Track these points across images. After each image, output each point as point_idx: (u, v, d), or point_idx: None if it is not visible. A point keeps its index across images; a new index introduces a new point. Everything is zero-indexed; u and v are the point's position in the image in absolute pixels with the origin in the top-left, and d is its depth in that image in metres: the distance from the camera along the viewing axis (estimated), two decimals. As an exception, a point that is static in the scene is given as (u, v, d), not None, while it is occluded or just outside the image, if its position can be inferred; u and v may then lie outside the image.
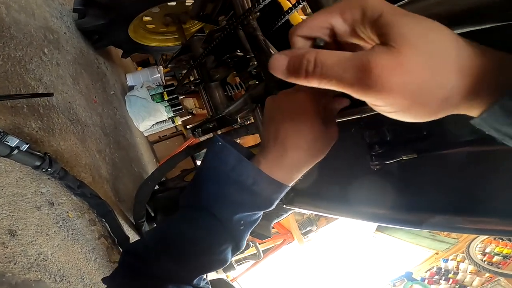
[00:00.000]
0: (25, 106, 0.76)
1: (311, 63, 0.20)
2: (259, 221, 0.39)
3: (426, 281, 3.60)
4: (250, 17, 0.73)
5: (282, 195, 0.37)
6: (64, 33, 1.16)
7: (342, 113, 0.51)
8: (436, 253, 3.80)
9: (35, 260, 0.66)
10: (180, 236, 0.37)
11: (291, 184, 0.37)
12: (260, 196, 0.35)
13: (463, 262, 3.45)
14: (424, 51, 0.18)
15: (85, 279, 0.78)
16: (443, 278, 3.51)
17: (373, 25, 0.20)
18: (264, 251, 2.92)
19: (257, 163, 0.35)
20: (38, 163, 0.71)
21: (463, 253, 3.28)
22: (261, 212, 0.38)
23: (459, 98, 0.19)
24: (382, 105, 0.20)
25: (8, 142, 0.63)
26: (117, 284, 0.37)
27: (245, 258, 2.96)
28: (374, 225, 4.26)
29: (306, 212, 1.09)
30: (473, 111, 0.20)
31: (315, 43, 0.24)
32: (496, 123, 0.19)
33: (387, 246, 4.27)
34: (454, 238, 3.71)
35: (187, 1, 1.24)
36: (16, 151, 0.64)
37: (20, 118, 0.74)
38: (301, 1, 0.63)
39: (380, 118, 0.49)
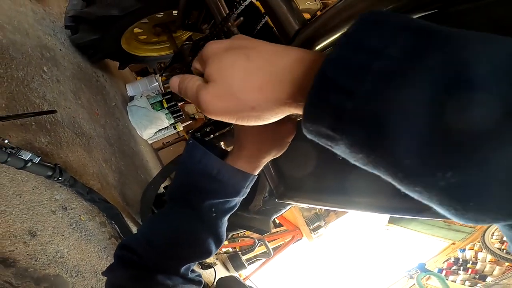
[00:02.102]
0: (33, 123, 0.84)
1: (182, 89, 0.29)
2: (234, 210, 0.43)
3: (444, 272, 3.48)
4: (230, 23, 0.79)
5: (249, 183, 0.42)
6: (60, 49, 1.22)
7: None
8: (453, 243, 3.70)
9: (53, 257, 0.74)
10: (162, 228, 0.42)
11: (256, 173, 0.42)
12: (226, 184, 0.40)
13: (481, 251, 3.34)
14: (223, 83, 0.24)
15: (98, 275, 0.86)
16: (462, 268, 3.38)
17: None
18: (274, 249, 2.96)
19: (226, 157, 0.41)
20: (50, 173, 0.79)
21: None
22: (235, 201, 0.42)
23: (273, 104, 0.23)
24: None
25: (22, 156, 0.71)
26: (113, 275, 0.42)
27: (255, 257, 3.01)
28: (386, 217, 4.24)
29: (299, 205, 1.13)
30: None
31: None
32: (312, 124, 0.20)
33: (401, 238, 4.23)
34: (470, 227, 3.64)
35: (173, 11, 1.28)
36: (30, 164, 0.72)
37: (30, 134, 0.83)
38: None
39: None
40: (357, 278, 4.02)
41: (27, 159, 0.71)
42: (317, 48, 0.47)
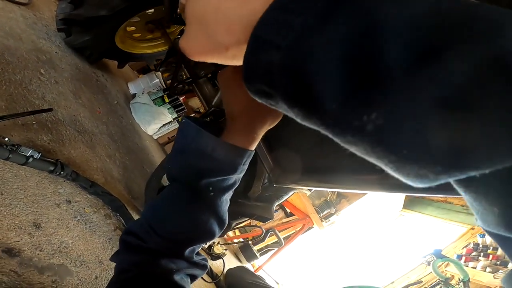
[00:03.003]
0: (34, 122, 0.89)
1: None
2: (233, 188, 0.43)
3: (463, 258, 3.36)
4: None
5: (246, 159, 0.41)
6: (56, 52, 1.26)
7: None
8: (472, 228, 3.56)
9: (58, 247, 0.79)
10: (163, 212, 0.42)
11: (252, 148, 0.41)
12: (222, 161, 0.39)
13: (502, 235, 3.24)
14: (197, 25, 0.25)
15: (102, 264, 0.90)
16: (482, 254, 3.24)
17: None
18: (285, 238, 2.99)
19: (221, 134, 0.40)
20: (51, 168, 0.83)
21: (501, 226, 3.07)
22: (233, 178, 0.41)
23: (244, 45, 0.22)
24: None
25: (23, 152, 0.75)
26: (118, 260, 0.42)
27: (267, 247, 3.04)
28: (400, 202, 4.16)
29: (297, 187, 1.14)
30: None
31: None
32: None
33: (417, 225, 4.14)
34: (489, 211, 3.51)
35: (163, 7, 1.31)
36: (31, 159, 0.77)
37: (31, 133, 0.87)
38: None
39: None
40: (371, 266, 4.00)
41: (28, 155, 0.75)
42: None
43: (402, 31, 0.15)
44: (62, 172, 0.85)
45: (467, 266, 3.17)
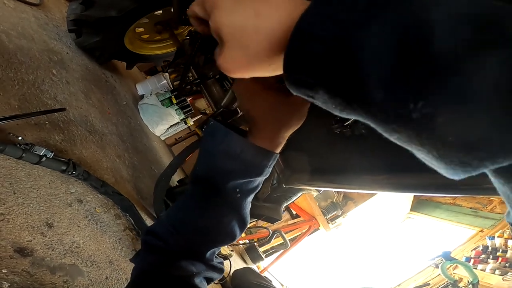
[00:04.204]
0: (47, 122, 0.89)
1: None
2: (257, 190, 0.43)
3: (472, 260, 3.34)
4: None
5: (272, 162, 0.41)
6: (67, 53, 1.28)
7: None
8: (481, 231, 3.52)
9: (69, 247, 0.79)
10: (186, 213, 0.42)
11: (277, 151, 0.42)
12: (250, 163, 0.40)
13: (511, 238, 3.18)
14: (238, 46, 0.25)
15: (113, 265, 0.90)
16: (491, 257, 3.22)
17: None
18: (291, 240, 2.97)
19: (247, 137, 0.41)
20: (64, 168, 0.84)
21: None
22: (258, 181, 0.42)
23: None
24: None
25: (36, 151, 0.76)
26: (139, 260, 0.43)
27: (272, 248, 3.03)
28: (408, 205, 4.11)
29: (306, 188, 1.13)
30: None
31: None
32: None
33: (425, 227, 4.09)
34: (499, 214, 3.46)
35: (171, 8, 1.32)
36: (44, 159, 0.77)
37: (44, 133, 0.88)
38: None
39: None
40: (378, 268, 3.95)
41: (41, 154, 0.76)
42: None
43: (454, 20, 0.15)
44: (74, 172, 0.86)
45: (476, 268, 3.12)
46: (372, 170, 0.61)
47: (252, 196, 0.43)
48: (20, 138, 0.72)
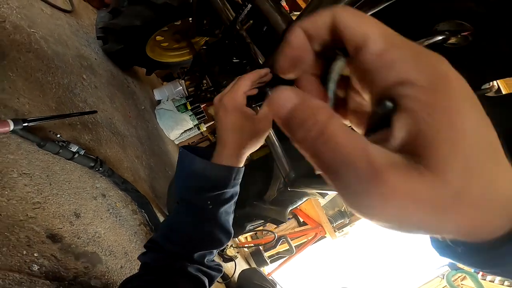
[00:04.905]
0: (78, 123, 1.00)
1: (316, 126, 0.14)
2: (232, 200, 0.50)
3: (481, 272, 3.26)
4: (238, 27, 0.87)
5: (235, 175, 0.48)
6: (95, 59, 1.37)
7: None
8: (489, 242, 3.46)
9: (92, 237, 0.87)
10: (173, 225, 0.52)
11: (239, 165, 0.48)
12: (213, 179, 0.47)
13: (521, 249, 3.10)
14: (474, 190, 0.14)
15: (127, 256, 0.98)
16: None
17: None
18: (297, 247, 2.98)
19: (213, 155, 0.48)
20: (92, 164, 0.93)
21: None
22: (229, 192, 0.49)
23: None
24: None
25: (71, 148, 0.85)
26: (142, 257, 0.53)
27: (278, 254, 3.05)
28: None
29: (311, 192, 1.18)
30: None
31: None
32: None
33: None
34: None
35: (189, 18, 1.41)
36: (76, 155, 0.87)
37: (76, 132, 0.98)
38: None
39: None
40: (384, 278, 3.88)
41: (74, 151, 0.85)
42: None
43: None
44: (100, 169, 0.95)
45: (485, 279, 3.04)
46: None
47: (228, 205, 0.50)
48: (58, 135, 0.82)
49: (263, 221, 1.45)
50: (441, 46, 0.44)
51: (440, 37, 0.44)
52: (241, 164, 0.49)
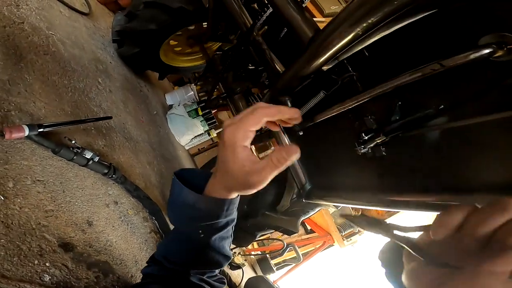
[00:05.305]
0: (92, 128, 0.99)
1: None
2: (228, 226, 0.49)
3: None
4: (255, 33, 0.85)
5: (227, 206, 0.45)
6: (110, 62, 1.36)
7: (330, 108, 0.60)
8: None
9: (104, 245, 0.85)
10: (168, 248, 0.53)
11: (232, 197, 0.45)
12: (205, 210, 0.45)
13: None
14: None
15: (138, 264, 0.95)
16: None
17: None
18: (304, 255, 2.93)
19: (206, 186, 0.46)
20: (106, 171, 0.92)
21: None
22: (221, 222, 0.47)
23: None
24: None
25: (85, 155, 0.84)
26: (146, 270, 0.54)
27: (284, 261, 3.00)
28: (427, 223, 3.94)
29: (326, 204, 1.15)
30: None
31: None
32: None
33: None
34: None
35: (204, 23, 1.40)
36: (91, 162, 0.85)
37: (90, 137, 0.97)
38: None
39: (362, 107, 0.58)
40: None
41: (89, 157, 0.84)
42: (328, 53, 0.51)
43: None
44: (113, 175, 0.93)
45: None
46: (390, 189, 0.65)
47: (223, 232, 0.49)
48: (73, 141, 0.80)
49: (273, 231, 1.42)
50: (488, 60, 0.41)
51: (487, 51, 0.40)
52: (234, 196, 0.46)
